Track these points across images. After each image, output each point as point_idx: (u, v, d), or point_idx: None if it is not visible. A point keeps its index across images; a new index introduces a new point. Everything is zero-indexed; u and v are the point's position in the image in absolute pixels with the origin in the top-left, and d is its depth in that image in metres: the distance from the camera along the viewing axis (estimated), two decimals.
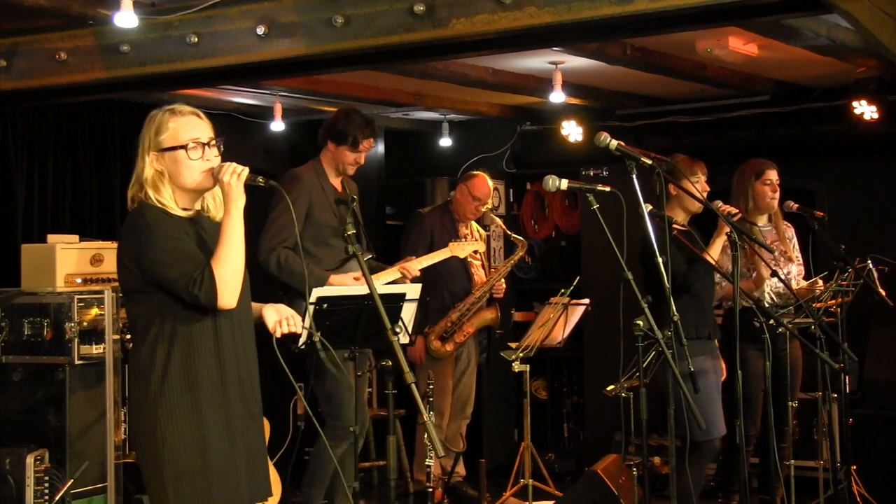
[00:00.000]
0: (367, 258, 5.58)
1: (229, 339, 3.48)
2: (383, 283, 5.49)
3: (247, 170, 3.45)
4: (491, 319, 6.84)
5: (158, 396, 3.40)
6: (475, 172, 6.91)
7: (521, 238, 6.83)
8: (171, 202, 3.47)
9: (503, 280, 6.81)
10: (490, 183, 6.84)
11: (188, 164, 3.46)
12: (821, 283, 5.81)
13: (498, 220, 7.03)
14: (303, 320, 3.79)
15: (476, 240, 6.58)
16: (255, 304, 3.69)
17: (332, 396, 5.37)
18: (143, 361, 3.44)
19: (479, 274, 6.80)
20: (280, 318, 3.65)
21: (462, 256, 6.23)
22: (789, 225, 6.10)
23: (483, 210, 6.79)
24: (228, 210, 3.43)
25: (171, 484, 3.39)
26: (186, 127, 3.49)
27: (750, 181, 5.89)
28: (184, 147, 3.45)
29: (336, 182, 5.67)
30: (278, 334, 3.63)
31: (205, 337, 3.44)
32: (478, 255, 6.85)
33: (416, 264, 5.78)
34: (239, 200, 3.43)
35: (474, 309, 6.72)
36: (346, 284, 5.29)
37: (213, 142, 3.51)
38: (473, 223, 6.91)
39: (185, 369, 3.41)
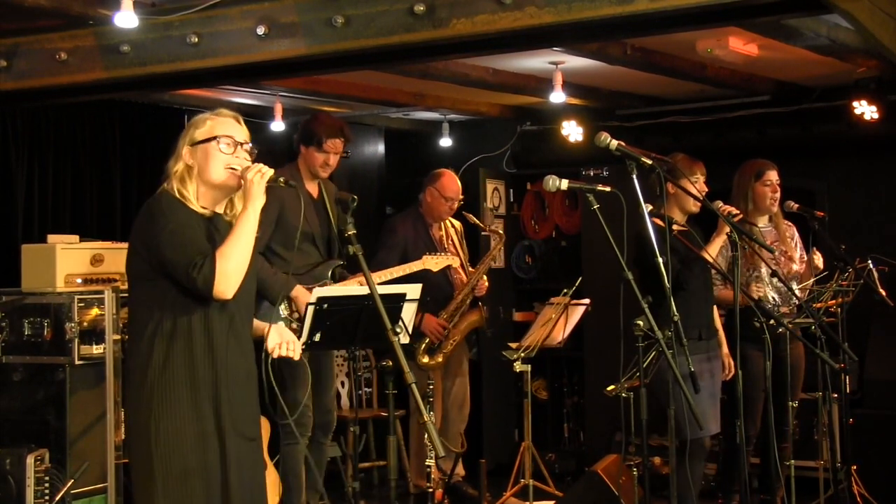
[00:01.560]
0: (336, 265, 5.55)
1: (227, 340, 3.49)
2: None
3: (271, 171, 3.50)
4: (476, 321, 6.73)
5: (154, 391, 3.42)
6: (441, 171, 6.76)
7: (498, 232, 6.78)
8: (193, 198, 3.51)
9: (485, 277, 6.65)
10: (457, 180, 6.71)
11: (217, 157, 3.51)
12: (818, 256, 5.80)
13: (475, 218, 6.85)
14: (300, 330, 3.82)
15: (451, 255, 6.19)
16: (260, 323, 3.72)
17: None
18: (141, 356, 3.46)
19: (459, 275, 6.70)
20: (280, 342, 3.69)
21: (434, 270, 5.94)
22: (790, 224, 6.09)
23: (456, 207, 6.69)
24: (245, 207, 3.48)
25: (161, 479, 3.40)
26: (223, 125, 3.57)
27: (750, 182, 5.89)
28: (215, 139, 3.51)
29: (312, 186, 5.64)
30: (275, 355, 3.68)
31: (202, 335, 3.46)
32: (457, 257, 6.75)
33: (378, 278, 5.51)
34: (258, 200, 3.47)
35: (459, 313, 6.63)
36: (303, 298, 5.14)
37: (247, 145, 3.56)
38: (452, 220, 6.78)
39: (183, 366, 3.43)
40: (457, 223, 6.85)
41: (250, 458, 3.60)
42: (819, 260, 5.83)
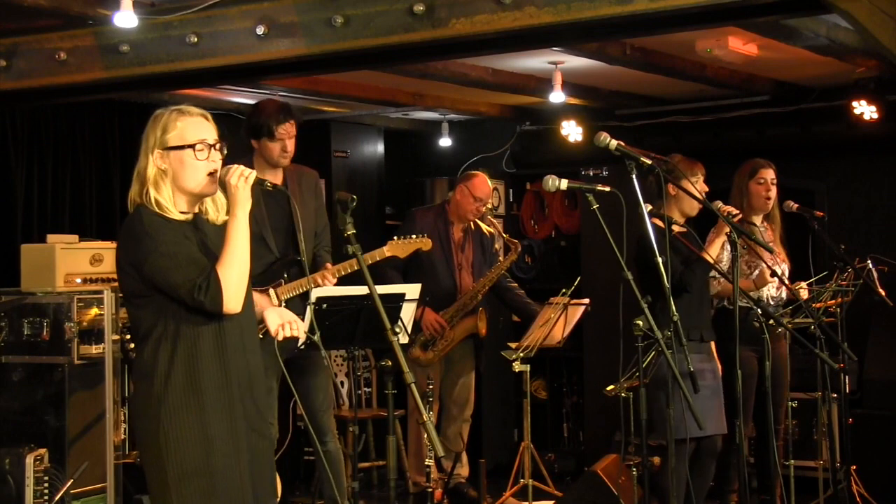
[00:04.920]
0: (293, 261, 5.27)
1: (233, 341, 3.47)
2: (289, 296, 5.08)
3: (254, 173, 3.45)
4: (473, 327, 6.68)
5: (162, 397, 3.40)
6: (474, 172, 6.81)
7: (515, 241, 6.74)
8: (170, 203, 3.45)
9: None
10: (490, 183, 6.77)
11: (193, 165, 3.44)
12: (804, 285, 5.81)
13: (495, 222, 6.88)
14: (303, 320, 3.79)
15: (420, 238, 5.63)
16: (257, 306, 3.68)
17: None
18: (147, 362, 3.43)
19: (466, 279, 6.69)
20: (282, 322, 3.64)
21: (402, 256, 5.60)
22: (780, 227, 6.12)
23: (484, 210, 6.72)
24: (234, 213, 3.42)
25: (175, 485, 3.39)
26: (194, 127, 3.47)
27: (745, 181, 5.92)
28: (191, 147, 3.43)
29: (270, 178, 5.12)
30: (280, 338, 3.63)
31: (208, 338, 3.43)
32: (468, 260, 6.73)
33: (335, 272, 5.18)
34: (245, 204, 3.42)
35: (459, 316, 6.60)
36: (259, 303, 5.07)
37: (219, 145, 3.49)
38: (482, 224, 6.82)
39: (189, 370, 3.41)
40: (489, 230, 6.80)
41: (264, 457, 3.60)
42: (805, 293, 5.81)
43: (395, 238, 5.53)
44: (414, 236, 5.57)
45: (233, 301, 3.37)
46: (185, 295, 3.34)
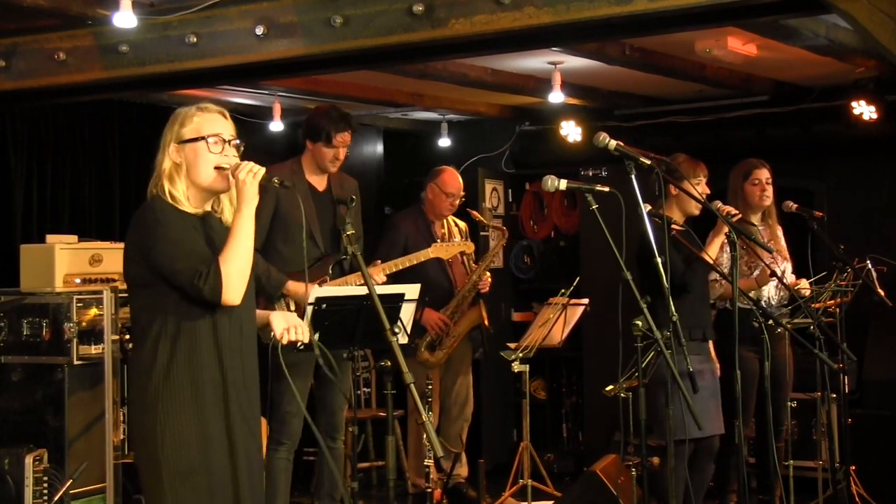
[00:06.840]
0: (336, 260, 5.39)
1: (231, 341, 3.48)
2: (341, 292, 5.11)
3: (263, 170, 3.47)
4: (477, 318, 6.68)
5: (160, 394, 3.40)
6: (443, 168, 6.75)
7: (500, 227, 6.74)
8: (184, 197, 3.48)
9: (488, 274, 6.61)
10: (459, 177, 6.70)
11: (206, 158, 3.47)
12: (805, 283, 5.81)
13: (478, 214, 6.82)
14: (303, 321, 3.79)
15: (463, 241, 6.12)
16: (262, 312, 3.69)
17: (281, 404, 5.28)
18: (145, 359, 3.44)
19: (459, 273, 6.67)
20: (287, 326, 3.64)
21: (446, 258, 5.89)
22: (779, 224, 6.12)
23: (457, 204, 6.67)
24: (240, 209, 3.44)
25: (170, 483, 3.39)
26: (210, 122, 3.51)
27: (739, 182, 5.94)
28: (204, 139, 3.47)
29: (317, 180, 5.49)
30: (285, 341, 3.62)
31: (207, 336, 3.44)
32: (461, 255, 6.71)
33: (384, 270, 5.45)
34: (252, 200, 3.44)
35: (461, 310, 6.62)
36: (300, 293, 5.07)
37: (234, 141, 3.52)
38: (456, 220, 6.76)
39: (188, 368, 3.41)
40: (461, 223, 6.82)
41: (256, 457, 3.60)
42: (807, 291, 5.81)
43: (438, 241, 5.82)
44: (457, 239, 5.93)
45: (231, 293, 3.38)
46: (185, 282, 3.36)
